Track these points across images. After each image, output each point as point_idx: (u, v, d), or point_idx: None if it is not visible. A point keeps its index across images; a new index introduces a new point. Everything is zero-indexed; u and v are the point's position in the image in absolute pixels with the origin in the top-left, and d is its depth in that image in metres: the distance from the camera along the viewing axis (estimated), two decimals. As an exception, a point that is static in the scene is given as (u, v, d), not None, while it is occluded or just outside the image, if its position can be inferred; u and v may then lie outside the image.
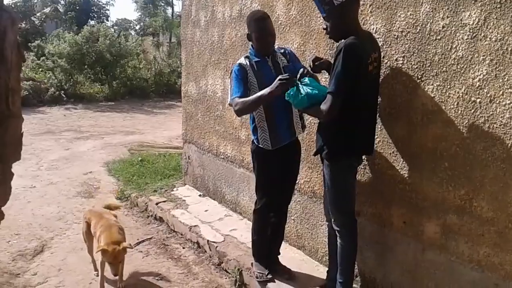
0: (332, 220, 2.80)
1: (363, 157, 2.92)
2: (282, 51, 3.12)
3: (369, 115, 2.70)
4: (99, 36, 15.27)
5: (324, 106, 2.50)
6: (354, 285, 2.92)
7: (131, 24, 50.58)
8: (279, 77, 2.71)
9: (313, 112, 2.76)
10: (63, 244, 4.20)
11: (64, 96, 13.92)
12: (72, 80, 14.75)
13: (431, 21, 2.48)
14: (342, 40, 2.60)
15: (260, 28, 2.94)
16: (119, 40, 16.01)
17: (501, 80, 2.19)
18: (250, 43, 3.09)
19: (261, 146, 3.07)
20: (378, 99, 2.78)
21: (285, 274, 3.27)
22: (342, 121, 2.54)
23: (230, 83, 3.01)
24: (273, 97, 2.77)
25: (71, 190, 5.77)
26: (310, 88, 2.57)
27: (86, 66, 15.19)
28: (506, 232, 2.25)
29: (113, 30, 22.34)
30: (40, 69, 15.47)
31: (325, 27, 2.67)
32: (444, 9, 2.40)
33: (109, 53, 15.11)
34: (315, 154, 2.88)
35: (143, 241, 4.29)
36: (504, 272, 2.27)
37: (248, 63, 3.00)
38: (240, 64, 3.01)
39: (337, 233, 2.78)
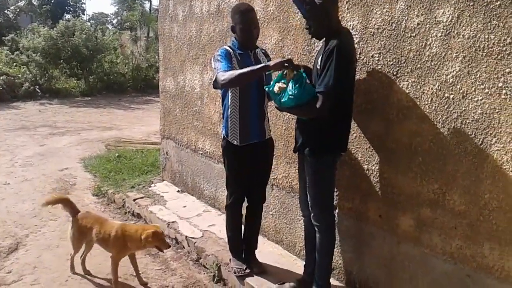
0: (312, 215, 2.81)
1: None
2: (264, 51, 3.19)
3: (351, 110, 2.73)
4: (75, 30, 15.01)
5: (316, 106, 2.51)
6: (330, 279, 2.96)
7: (108, 18, 49.72)
8: (283, 59, 2.69)
9: (297, 112, 2.73)
10: (38, 241, 4.13)
11: (39, 91, 13.71)
12: (47, 75, 14.51)
13: (406, 18, 2.52)
14: (324, 39, 2.62)
15: (246, 20, 2.94)
16: (95, 35, 15.78)
17: (473, 77, 2.24)
18: (232, 37, 3.09)
19: (229, 140, 3.07)
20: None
21: (255, 267, 3.26)
22: (329, 117, 2.55)
23: (216, 63, 2.91)
24: (263, 72, 2.75)
25: (47, 187, 5.67)
26: (297, 88, 2.52)
27: (61, 61, 14.96)
28: (478, 224, 2.31)
29: (89, 24, 21.91)
30: (14, 64, 15.15)
31: (307, 27, 2.66)
32: (419, 7, 2.44)
33: (85, 48, 14.90)
34: (295, 151, 2.88)
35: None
36: (476, 263, 2.33)
37: (232, 51, 3.00)
38: (225, 49, 3.00)
39: (316, 228, 2.81)
